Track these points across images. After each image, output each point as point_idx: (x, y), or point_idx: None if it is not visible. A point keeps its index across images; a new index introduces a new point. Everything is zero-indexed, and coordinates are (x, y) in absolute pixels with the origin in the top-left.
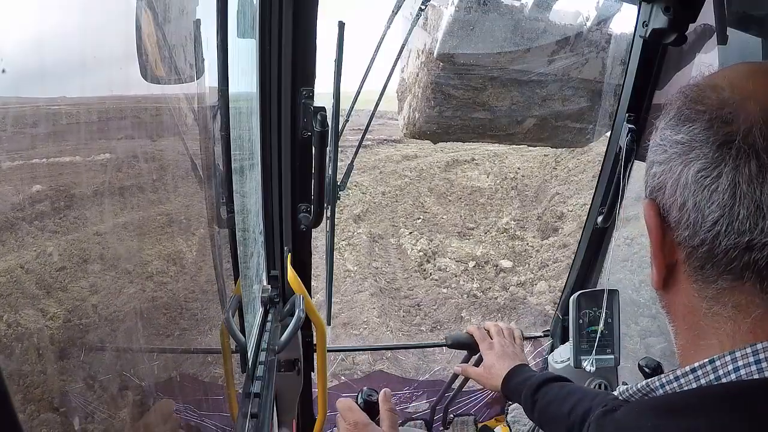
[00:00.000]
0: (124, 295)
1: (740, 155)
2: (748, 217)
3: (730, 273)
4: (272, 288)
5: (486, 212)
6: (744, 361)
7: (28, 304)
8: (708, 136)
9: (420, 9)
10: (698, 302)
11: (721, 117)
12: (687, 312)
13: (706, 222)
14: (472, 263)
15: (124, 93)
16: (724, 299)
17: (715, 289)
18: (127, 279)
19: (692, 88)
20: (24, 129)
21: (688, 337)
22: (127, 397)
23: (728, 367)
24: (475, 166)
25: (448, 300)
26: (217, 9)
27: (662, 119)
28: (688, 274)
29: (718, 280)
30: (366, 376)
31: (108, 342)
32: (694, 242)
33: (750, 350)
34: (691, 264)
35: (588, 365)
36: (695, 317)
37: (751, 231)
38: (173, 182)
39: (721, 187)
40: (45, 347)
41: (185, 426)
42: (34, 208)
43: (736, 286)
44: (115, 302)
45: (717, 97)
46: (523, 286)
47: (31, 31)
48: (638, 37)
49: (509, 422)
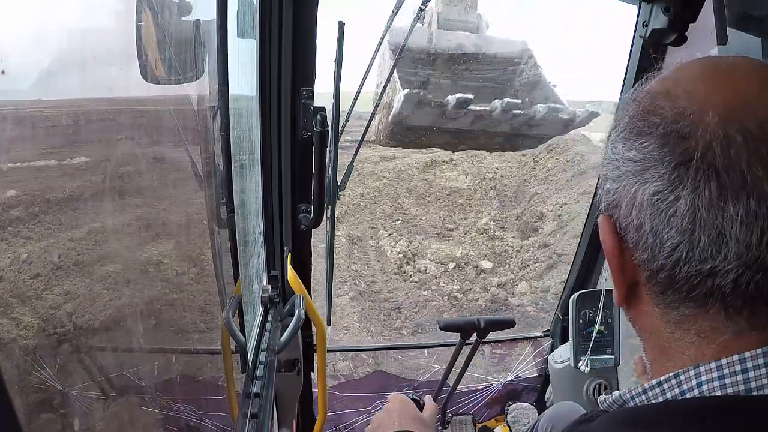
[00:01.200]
0: (124, 295)
1: (699, 176)
2: (710, 244)
3: (692, 300)
4: (272, 288)
5: (465, 213)
6: (707, 377)
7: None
8: (663, 154)
9: (420, 9)
10: (661, 325)
11: (677, 131)
12: (652, 331)
13: (664, 247)
14: (452, 264)
15: (124, 93)
16: (686, 325)
17: (677, 315)
18: (127, 279)
19: (644, 94)
20: (24, 129)
21: (655, 353)
22: (127, 397)
23: (692, 382)
24: (454, 167)
25: (429, 302)
26: (217, 9)
27: (614, 130)
28: (650, 296)
29: (680, 307)
30: (366, 376)
31: (108, 342)
32: (653, 266)
33: (714, 365)
34: (651, 288)
35: (582, 365)
36: (660, 338)
37: (713, 258)
38: (173, 182)
39: (680, 212)
40: (45, 347)
41: (185, 426)
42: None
43: (699, 314)
44: (115, 302)
45: (671, 107)
46: (503, 287)
47: (30, 31)
48: (638, 37)
49: (509, 422)
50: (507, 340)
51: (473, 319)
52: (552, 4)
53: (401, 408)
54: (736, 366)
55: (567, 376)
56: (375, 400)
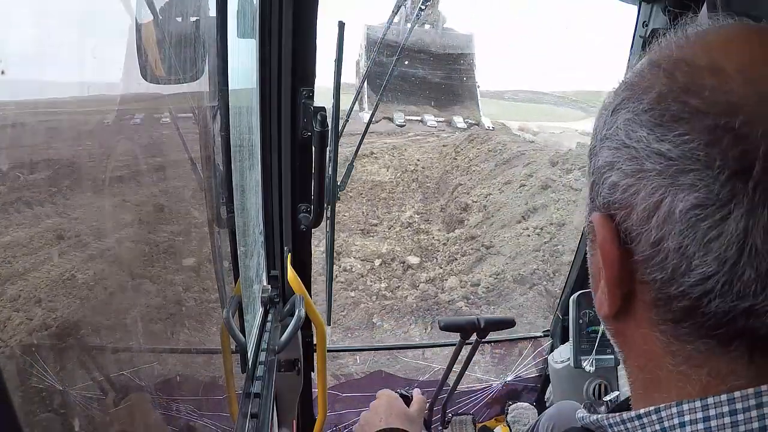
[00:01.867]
0: (124, 295)
1: (759, 194)
2: (757, 279)
3: (713, 338)
4: (272, 288)
5: (388, 207)
6: (691, 417)
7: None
8: (711, 156)
9: (420, 9)
10: (661, 354)
11: (731, 127)
12: (643, 354)
13: (692, 274)
14: (378, 261)
15: (124, 93)
16: (697, 362)
17: (689, 350)
18: (127, 279)
19: (677, 64)
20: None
21: (641, 379)
22: (128, 396)
23: (674, 420)
24: (375, 160)
25: (358, 305)
26: (217, 9)
27: (626, 102)
28: (652, 320)
29: (696, 342)
30: (366, 376)
31: (108, 342)
32: (668, 291)
33: (699, 404)
34: (658, 312)
35: (587, 365)
36: (654, 366)
37: (755, 295)
38: (173, 182)
39: (726, 237)
40: (45, 347)
41: (185, 426)
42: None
43: (717, 353)
44: (115, 302)
45: (721, 90)
46: (433, 282)
47: (30, 31)
48: (638, 37)
49: (509, 422)
50: (507, 340)
51: (473, 319)
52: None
53: (388, 404)
54: (724, 407)
55: (567, 376)
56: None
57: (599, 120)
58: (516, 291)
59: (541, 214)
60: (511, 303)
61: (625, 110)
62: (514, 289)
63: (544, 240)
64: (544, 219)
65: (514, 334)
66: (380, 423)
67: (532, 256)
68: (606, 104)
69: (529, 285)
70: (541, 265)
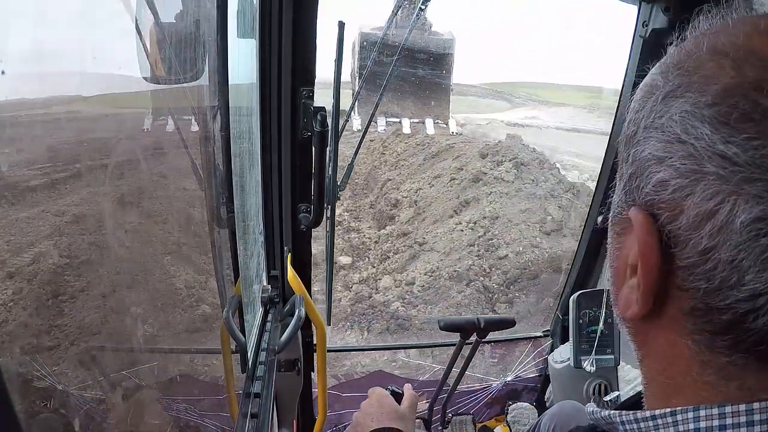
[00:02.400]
0: (124, 295)
1: None
2: None
3: (753, 353)
4: (272, 288)
5: None
6: (707, 423)
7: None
8: None
9: (420, 9)
10: (688, 363)
11: None
12: (665, 359)
13: (743, 288)
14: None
15: (125, 94)
16: (731, 375)
17: (724, 363)
18: (127, 279)
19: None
20: (24, 129)
21: (659, 382)
22: (128, 396)
23: (689, 425)
24: None
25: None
26: (217, 9)
27: (686, 90)
28: (686, 328)
29: (734, 356)
30: (366, 376)
31: (108, 342)
32: (711, 302)
33: (717, 411)
34: (695, 322)
35: (588, 365)
36: (675, 371)
37: None
38: (173, 182)
39: None
40: (45, 346)
41: (185, 425)
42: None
43: (753, 368)
44: (115, 302)
45: None
46: (366, 282)
47: (31, 31)
48: (638, 37)
49: (509, 422)
50: (507, 340)
51: (473, 318)
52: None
53: (379, 403)
54: (742, 417)
55: (567, 376)
56: None
57: (640, 103)
58: (453, 289)
59: (473, 208)
60: (448, 302)
61: (682, 100)
62: (450, 286)
63: (478, 234)
64: (477, 213)
65: (514, 334)
66: (372, 423)
67: (467, 252)
68: (650, 86)
69: (466, 282)
70: (477, 260)
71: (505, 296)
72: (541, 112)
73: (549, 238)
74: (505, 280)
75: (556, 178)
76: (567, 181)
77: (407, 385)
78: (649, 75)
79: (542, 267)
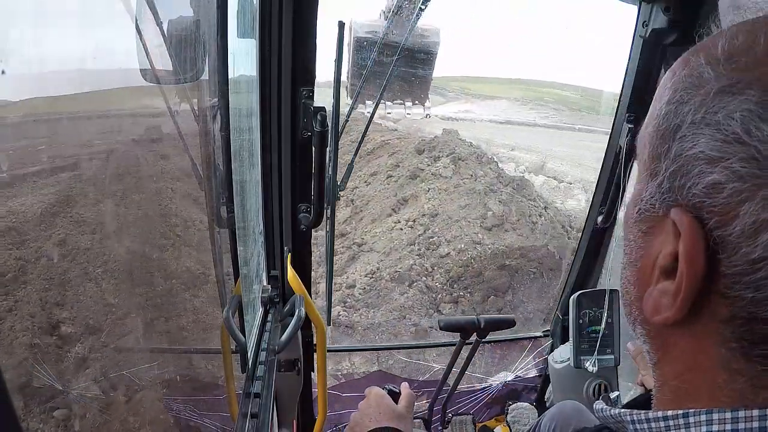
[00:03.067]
0: (124, 295)
1: None
2: None
3: None
4: (272, 288)
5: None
6: (719, 427)
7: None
8: None
9: (420, 9)
10: (714, 370)
11: None
12: (685, 364)
13: None
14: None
15: (124, 93)
16: (763, 384)
17: (758, 371)
18: (127, 279)
19: None
20: (23, 129)
21: (673, 386)
22: (128, 396)
23: (702, 428)
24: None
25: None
26: (217, 9)
27: (746, 86)
28: (722, 335)
29: None
30: (366, 376)
31: (109, 342)
32: (757, 312)
33: (730, 415)
34: (734, 330)
35: (590, 365)
36: (694, 377)
37: None
38: (173, 182)
39: None
40: (45, 346)
41: (185, 425)
42: (34, 210)
43: None
44: (115, 302)
45: None
46: None
47: (31, 32)
48: (638, 37)
49: (509, 422)
50: (507, 340)
51: (473, 318)
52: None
53: (376, 403)
54: (755, 422)
55: (567, 376)
56: None
57: (686, 94)
58: (395, 290)
59: (411, 206)
60: (391, 304)
61: (742, 97)
62: (392, 288)
63: (418, 232)
64: (416, 210)
65: (514, 334)
66: (370, 423)
67: (408, 251)
68: (698, 77)
69: (408, 282)
70: (418, 259)
71: (449, 296)
72: (474, 106)
73: (491, 234)
74: (448, 279)
75: (495, 173)
76: (507, 175)
77: (404, 384)
78: (689, 65)
79: (485, 264)
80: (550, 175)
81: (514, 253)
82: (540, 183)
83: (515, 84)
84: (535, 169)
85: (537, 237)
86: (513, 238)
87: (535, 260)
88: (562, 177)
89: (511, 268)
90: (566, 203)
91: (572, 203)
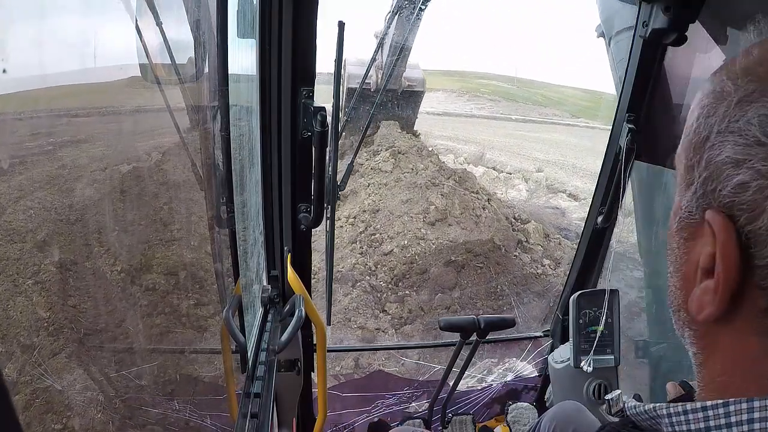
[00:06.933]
0: (125, 295)
1: None
2: None
3: None
4: (272, 288)
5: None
6: (761, 414)
7: (27, 302)
8: None
9: (420, 9)
10: (757, 362)
11: None
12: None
13: None
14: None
15: (124, 94)
16: None
17: None
18: (127, 279)
19: None
20: (23, 129)
21: (719, 383)
22: (128, 396)
23: (742, 416)
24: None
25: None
26: (217, 9)
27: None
28: (762, 325)
29: None
30: (366, 376)
31: (109, 342)
32: None
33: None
34: None
35: (585, 365)
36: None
37: None
38: (174, 182)
39: None
40: (45, 346)
41: (185, 425)
42: (34, 209)
43: None
44: (115, 302)
45: None
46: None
47: (31, 32)
48: (638, 37)
49: (509, 422)
50: (507, 340)
51: (473, 318)
52: None
53: None
54: None
55: (567, 376)
56: (375, 400)
57: (710, 109)
58: (338, 291)
59: (351, 202)
60: (336, 306)
61: (758, 104)
62: (336, 289)
63: (359, 230)
64: (356, 207)
65: (514, 334)
66: None
67: (350, 249)
68: (719, 93)
69: (352, 283)
70: (361, 258)
71: (395, 295)
72: None
73: (434, 229)
74: (392, 278)
75: (436, 165)
76: (448, 167)
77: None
78: (713, 81)
79: (430, 260)
80: (489, 166)
81: (459, 248)
82: (480, 174)
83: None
84: (474, 160)
85: (482, 230)
86: (457, 232)
87: (481, 255)
88: (501, 167)
89: (457, 264)
90: (508, 194)
91: (513, 193)
